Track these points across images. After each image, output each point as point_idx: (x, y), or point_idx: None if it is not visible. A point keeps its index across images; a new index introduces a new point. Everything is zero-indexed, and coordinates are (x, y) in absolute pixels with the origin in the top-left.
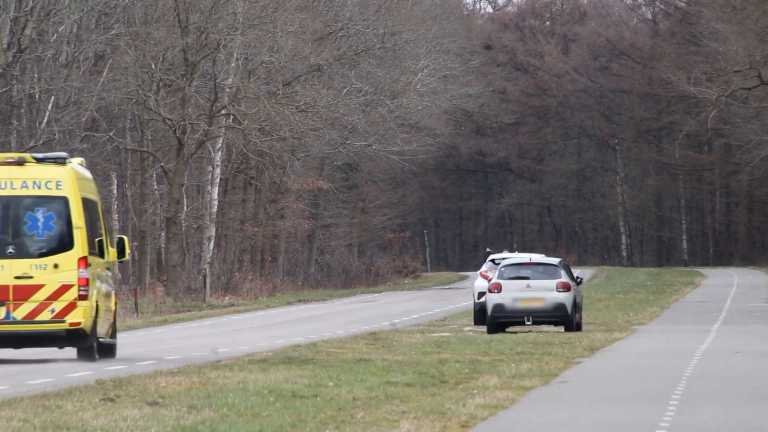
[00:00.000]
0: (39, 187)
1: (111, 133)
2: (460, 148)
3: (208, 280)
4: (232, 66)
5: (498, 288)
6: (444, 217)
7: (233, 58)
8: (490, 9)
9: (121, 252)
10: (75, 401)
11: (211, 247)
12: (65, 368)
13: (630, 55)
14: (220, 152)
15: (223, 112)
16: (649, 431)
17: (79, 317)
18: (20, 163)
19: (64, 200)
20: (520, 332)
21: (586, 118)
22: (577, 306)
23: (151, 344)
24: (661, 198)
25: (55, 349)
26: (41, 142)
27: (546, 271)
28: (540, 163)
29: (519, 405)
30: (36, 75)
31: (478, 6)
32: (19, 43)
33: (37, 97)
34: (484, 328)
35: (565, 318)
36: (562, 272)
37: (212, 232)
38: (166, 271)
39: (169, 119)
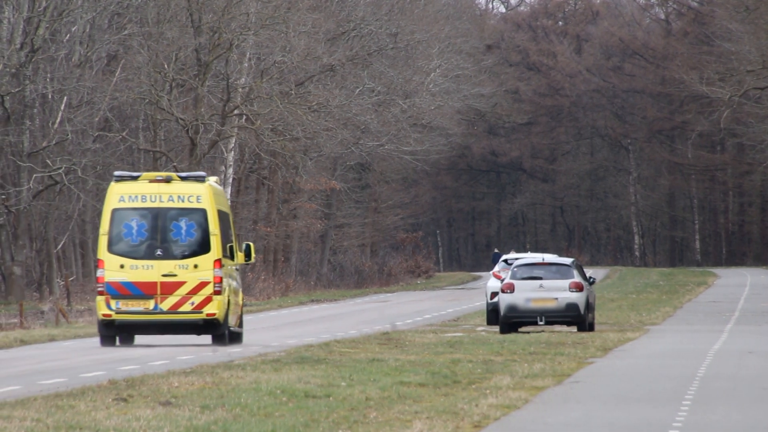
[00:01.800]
0: (182, 201)
1: (124, 133)
2: (472, 148)
3: None
4: (245, 66)
5: (511, 288)
6: (457, 217)
7: (246, 58)
8: (502, 9)
9: (247, 256)
10: (88, 401)
11: None
12: (78, 368)
13: (643, 54)
14: (232, 152)
15: (235, 112)
16: (662, 431)
17: (214, 309)
18: (167, 180)
19: (203, 212)
20: (533, 332)
21: (599, 118)
22: (589, 306)
23: (164, 343)
24: (674, 198)
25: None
26: (54, 142)
27: (559, 271)
28: (553, 163)
29: (532, 405)
30: (49, 75)
31: (490, 6)
32: (32, 43)
33: (50, 96)
34: (496, 328)
35: (578, 318)
36: (575, 272)
37: None
38: None
39: (181, 119)
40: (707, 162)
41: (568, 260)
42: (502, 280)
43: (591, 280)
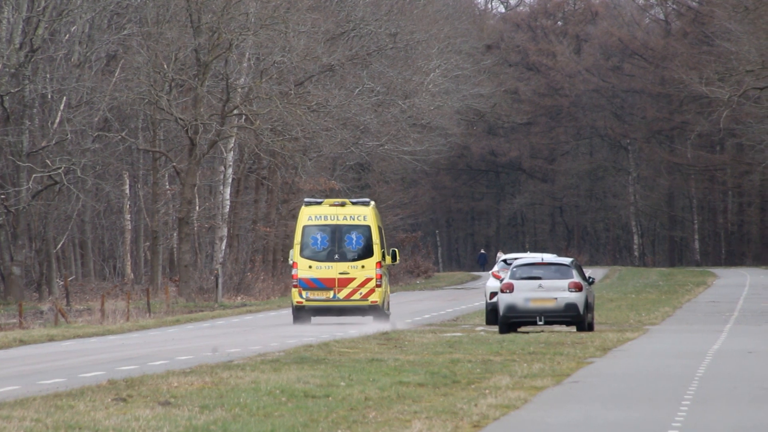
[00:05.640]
0: (353, 219)
1: (123, 133)
2: (472, 148)
3: (220, 280)
4: (244, 66)
5: (510, 288)
6: (456, 217)
7: (245, 58)
8: (502, 9)
9: (393, 258)
10: (87, 401)
11: (223, 247)
12: (77, 368)
13: (642, 55)
14: (232, 152)
15: (235, 112)
16: (661, 431)
17: (376, 297)
18: (342, 204)
19: (368, 227)
20: (532, 332)
21: (598, 118)
22: (589, 306)
23: (164, 344)
24: (673, 198)
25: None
26: (53, 142)
27: (558, 271)
28: (552, 163)
29: (531, 405)
30: (48, 75)
31: (490, 6)
32: (31, 43)
33: (49, 97)
34: (496, 328)
35: (577, 318)
36: (574, 272)
37: (224, 232)
38: (179, 271)
39: (181, 119)
40: (706, 162)
41: (567, 260)
42: (502, 280)
43: (590, 280)
